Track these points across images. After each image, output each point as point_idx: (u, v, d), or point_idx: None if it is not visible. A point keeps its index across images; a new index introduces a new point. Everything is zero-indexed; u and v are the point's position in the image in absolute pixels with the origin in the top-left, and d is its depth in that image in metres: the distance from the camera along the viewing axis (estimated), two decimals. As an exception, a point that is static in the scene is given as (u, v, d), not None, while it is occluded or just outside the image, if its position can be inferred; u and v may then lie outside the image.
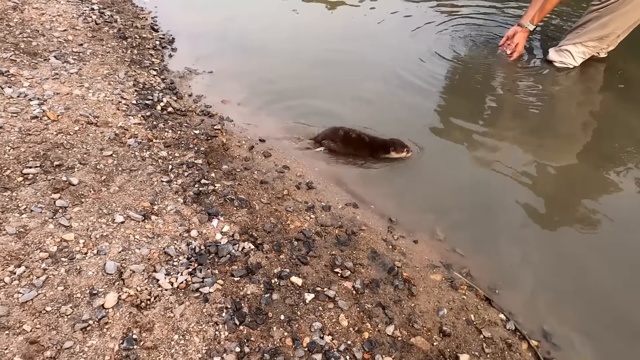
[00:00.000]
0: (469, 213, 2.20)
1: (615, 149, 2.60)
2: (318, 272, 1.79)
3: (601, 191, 2.37)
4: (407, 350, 1.55)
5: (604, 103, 3.07)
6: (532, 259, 1.98)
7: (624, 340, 1.70)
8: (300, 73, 3.17)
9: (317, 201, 2.19)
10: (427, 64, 3.31)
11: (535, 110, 2.92)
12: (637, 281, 1.89)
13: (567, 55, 3.19)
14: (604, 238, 2.08)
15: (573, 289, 1.87)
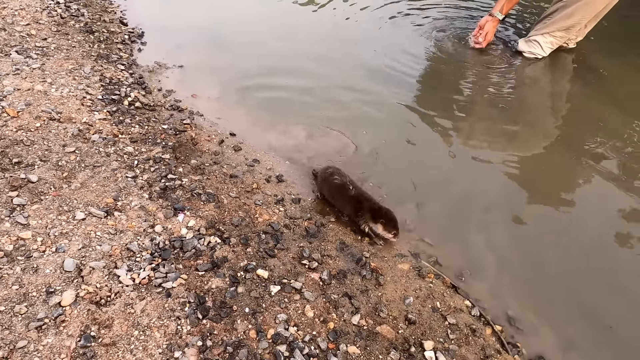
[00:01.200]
0: (439, 203, 2.22)
1: (584, 139, 2.65)
2: (285, 265, 1.78)
3: (568, 180, 2.42)
4: (372, 338, 1.56)
5: (572, 93, 3.12)
6: (499, 247, 2.01)
7: (584, 324, 1.74)
8: (274, 68, 3.15)
9: (287, 194, 2.18)
10: (400, 57, 3.32)
11: (504, 101, 2.96)
12: (596, 267, 1.94)
13: (536, 45, 3.23)
14: (568, 226, 2.12)
15: (537, 276, 1.91)
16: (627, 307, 1.79)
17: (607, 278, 1.89)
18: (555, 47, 3.27)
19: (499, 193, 2.29)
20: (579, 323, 1.73)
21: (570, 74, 3.31)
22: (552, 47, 3.24)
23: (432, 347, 1.57)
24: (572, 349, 1.67)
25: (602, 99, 2.98)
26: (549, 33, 3.21)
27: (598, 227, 2.12)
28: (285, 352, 1.43)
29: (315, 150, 2.49)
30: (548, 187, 2.37)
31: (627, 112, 2.86)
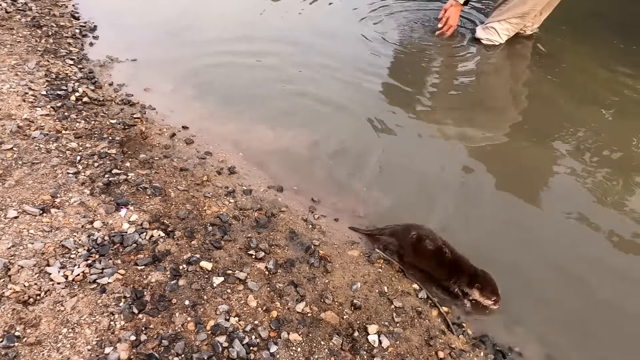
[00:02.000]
0: (392, 190, 2.21)
1: (543, 125, 2.69)
2: (231, 256, 1.76)
3: (524, 164, 2.44)
4: (315, 325, 1.55)
5: (530, 80, 3.16)
6: (449, 229, 2.02)
7: (527, 300, 1.76)
8: (231, 62, 3.10)
9: (239, 185, 2.15)
10: (361, 48, 3.31)
11: (464, 89, 2.98)
12: (539, 245, 1.96)
13: (493, 32, 3.26)
14: (522, 210, 2.15)
15: (487, 256, 1.92)
16: (564, 282, 1.83)
17: (548, 256, 1.92)
18: (512, 34, 3.31)
19: (455, 179, 2.30)
20: (522, 300, 1.76)
21: (528, 61, 3.35)
22: (508, 33, 3.27)
23: (376, 330, 1.57)
24: (517, 325, 1.70)
25: (559, 85, 3.03)
26: (505, 20, 3.24)
27: (548, 209, 2.16)
28: (224, 342, 1.41)
29: (272, 142, 2.47)
30: (506, 172, 2.39)
31: (582, 98, 2.91)
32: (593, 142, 2.54)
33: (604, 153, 2.48)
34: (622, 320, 1.71)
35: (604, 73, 3.12)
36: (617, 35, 3.49)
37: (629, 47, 3.38)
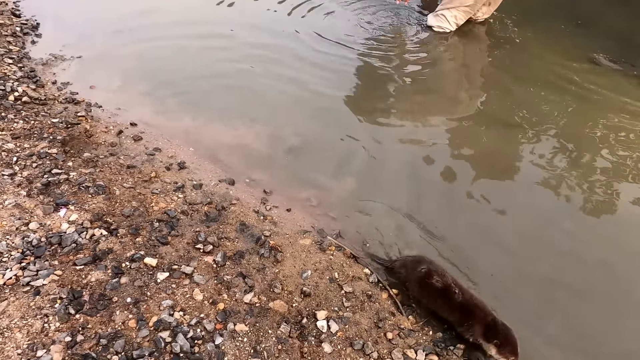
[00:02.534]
0: (345, 178, 2.22)
1: (495, 107, 2.75)
2: (178, 251, 1.72)
3: (475, 146, 2.49)
4: (263, 315, 1.53)
5: (486, 66, 3.22)
6: (400, 214, 2.05)
7: (472, 276, 1.80)
8: (181, 56, 3.03)
9: (189, 180, 2.11)
10: (316, 42, 3.29)
11: (417, 77, 3.01)
12: (478, 226, 2.01)
13: (443, 19, 3.31)
14: (468, 190, 2.19)
15: (435, 238, 1.96)
16: (501, 257, 1.89)
17: (487, 235, 1.97)
18: (462, 22, 3.37)
19: (407, 161, 2.33)
20: (468, 276, 1.79)
21: (482, 49, 3.42)
22: (457, 21, 3.32)
23: (325, 316, 1.57)
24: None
25: (511, 72, 3.10)
26: (454, 7, 3.29)
27: (490, 189, 2.21)
28: (167, 337, 1.38)
29: (224, 136, 2.43)
30: (461, 154, 2.43)
31: (534, 84, 2.99)
32: (545, 126, 2.61)
33: (555, 136, 2.56)
34: (560, 292, 1.77)
35: (555, 60, 3.20)
36: (570, 24, 3.59)
37: (581, 36, 3.46)
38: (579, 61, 3.15)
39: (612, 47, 3.30)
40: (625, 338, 1.64)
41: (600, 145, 2.47)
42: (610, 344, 1.61)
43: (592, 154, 2.42)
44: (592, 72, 3.03)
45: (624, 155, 2.41)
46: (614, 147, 2.46)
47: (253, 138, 2.42)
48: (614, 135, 2.53)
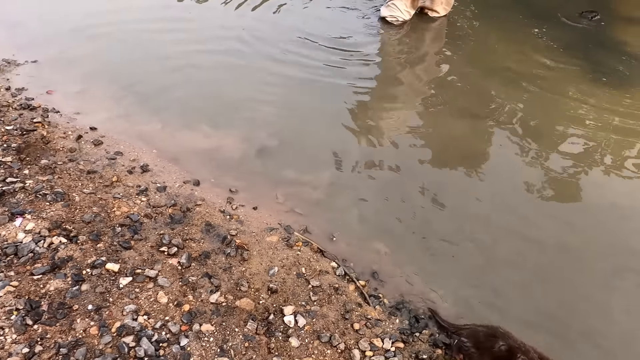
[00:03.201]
0: (312, 173, 2.23)
1: (453, 98, 2.80)
2: (142, 255, 1.70)
3: (435, 138, 2.55)
4: (229, 313, 1.53)
5: (448, 59, 3.25)
6: (365, 207, 2.08)
7: (436, 262, 1.85)
8: (141, 57, 2.97)
9: (152, 183, 2.08)
10: (270, 39, 3.28)
11: (378, 70, 3.05)
12: (452, 225, 2.04)
13: (395, 8, 3.36)
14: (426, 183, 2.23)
15: (400, 230, 2.00)
16: (463, 239, 1.95)
17: (451, 223, 2.03)
18: (414, 10, 3.39)
19: (368, 157, 2.36)
20: (433, 263, 1.84)
21: (440, 39, 3.47)
22: (408, 9, 3.35)
23: (292, 311, 1.58)
24: (431, 290, 1.77)
25: (470, 61, 3.17)
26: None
27: (450, 179, 2.26)
28: (130, 342, 1.37)
29: (188, 136, 2.40)
30: (423, 145, 2.47)
31: (491, 72, 3.06)
32: (504, 116, 2.68)
33: (514, 125, 2.62)
34: (527, 278, 1.84)
35: (514, 51, 3.28)
36: (528, 16, 3.67)
37: (538, 28, 3.54)
38: (538, 52, 3.24)
39: (570, 38, 3.41)
40: (588, 317, 1.70)
41: (557, 134, 2.56)
42: (575, 323, 1.68)
43: (550, 142, 2.51)
44: (550, 64, 3.12)
45: (581, 144, 2.49)
46: (572, 136, 2.55)
47: (218, 137, 2.40)
48: (571, 125, 2.62)
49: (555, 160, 2.38)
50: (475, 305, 1.72)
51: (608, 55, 3.22)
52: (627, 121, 2.64)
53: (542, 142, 2.49)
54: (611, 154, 2.43)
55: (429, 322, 1.68)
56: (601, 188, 2.25)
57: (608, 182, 2.29)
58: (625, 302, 1.75)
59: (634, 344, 1.64)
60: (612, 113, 2.70)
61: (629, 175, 2.33)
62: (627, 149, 2.46)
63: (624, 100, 2.79)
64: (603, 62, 3.14)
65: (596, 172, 2.33)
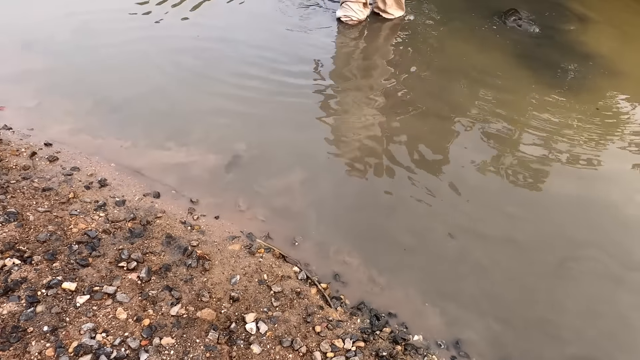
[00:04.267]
0: (272, 181, 2.25)
1: (413, 98, 2.88)
2: (100, 271, 1.69)
3: (391, 135, 2.61)
4: (190, 325, 1.54)
5: (404, 58, 3.33)
6: (327, 211, 2.12)
7: (391, 258, 1.92)
8: (97, 67, 2.92)
9: (110, 197, 2.06)
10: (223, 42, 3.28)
11: (331, 70, 3.09)
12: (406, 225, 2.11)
13: (348, 8, 3.43)
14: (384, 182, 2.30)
15: (360, 231, 2.05)
16: (413, 236, 2.02)
17: (406, 218, 2.10)
18: (368, 9, 3.46)
19: (328, 159, 2.40)
20: (388, 261, 1.90)
21: (398, 42, 3.54)
22: (361, 8, 3.42)
23: (254, 318, 1.60)
24: (391, 288, 1.83)
25: (430, 62, 3.25)
26: None
27: (409, 181, 2.33)
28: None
29: (147, 147, 2.38)
30: (380, 145, 2.53)
31: (448, 74, 3.16)
32: (465, 115, 2.77)
33: (474, 124, 2.72)
34: (477, 270, 1.92)
35: (472, 51, 3.39)
36: (488, 17, 3.79)
37: (497, 28, 3.67)
38: (494, 53, 3.35)
39: (526, 40, 3.53)
40: (537, 307, 1.79)
41: (512, 133, 2.66)
42: (526, 313, 1.76)
43: (503, 141, 2.60)
44: (505, 65, 3.24)
45: (532, 141, 2.60)
46: (524, 133, 2.65)
47: (178, 149, 2.39)
48: (530, 123, 2.72)
49: (511, 157, 2.48)
50: (430, 298, 1.78)
51: (563, 55, 3.35)
52: (577, 118, 2.78)
53: (496, 141, 2.59)
54: (560, 151, 2.54)
55: (389, 319, 1.73)
56: (550, 184, 2.36)
57: (557, 177, 2.39)
58: (574, 291, 1.85)
59: (584, 331, 1.73)
60: (564, 111, 2.83)
61: (577, 171, 2.44)
62: (576, 146, 2.57)
63: (575, 99, 2.92)
64: (558, 62, 3.27)
65: (546, 168, 2.44)
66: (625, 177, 2.47)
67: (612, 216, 2.19)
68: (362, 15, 3.47)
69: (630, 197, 2.31)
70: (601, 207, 2.23)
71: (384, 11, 3.58)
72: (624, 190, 2.35)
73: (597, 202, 2.26)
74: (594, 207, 2.23)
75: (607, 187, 2.35)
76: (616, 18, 3.87)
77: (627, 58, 3.38)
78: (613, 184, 2.38)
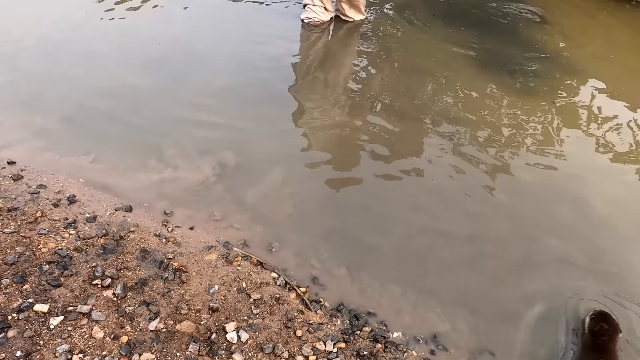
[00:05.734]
0: (246, 188, 2.24)
1: (377, 96, 2.94)
2: (73, 291, 1.65)
3: (367, 139, 2.65)
4: (170, 339, 1.53)
5: (363, 58, 3.39)
6: (302, 215, 2.14)
7: (361, 254, 1.97)
8: (59, 79, 2.85)
9: (81, 214, 2.02)
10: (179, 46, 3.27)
11: (295, 71, 3.12)
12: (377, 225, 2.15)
13: (310, 10, 3.49)
14: (354, 184, 2.33)
15: (336, 232, 2.08)
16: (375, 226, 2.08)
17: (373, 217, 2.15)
18: (329, 9, 3.52)
19: (297, 162, 2.42)
20: (365, 260, 1.95)
21: (358, 41, 3.59)
22: (322, 10, 3.48)
23: (234, 327, 1.61)
24: (370, 287, 1.86)
25: (391, 60, 3.33)
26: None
27: (371, 175, 2.38)
28: (65, 384, 1.33)
29: (116, 160, 2.34)
30: (350, 148, 2.57)
31: (411, 73, 3.24)
32: (427, 112, 2.84)
33: (439, 120, 2.79)
34: (447, 266, 1.98)
35: (435, 49, 3.49)
36: (452, 17, 3.89)
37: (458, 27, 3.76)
38: (455, 51, 3.46)
39: (488, 36, 3.65)
40: (502, 302, 1.86)
41: (478, 130, 2.74)
42: (494, 306, 1.83)
43: (472, 139, 2.67)
44: (467, 62, 3.34)
45: (492, 138, 2.67)
46: (492, 132, 2.72)
47: (148, 160, 2.36)
48: (491, 120, 2.81)
49: (470, 156, 2.55)
50: (407, 295, 1.83)
51: (522, 53, 3.48)
52: (535, 114, 2.89)
53: (459, 139, 2.66)
54: (519, 148, 2.62)
55: (369, 318, 1.77)
56: (511, 182, 2.42)
57: (517, 175, 2.45)
58: (540, 283, 1.93)
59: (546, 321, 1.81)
60: (522, 108, 2.94)
61: (537, 165, 2.53)
62: (535, 143, 2.65)
63: (533, 96, 3.03)
64: (516, 61, 3.39)
65: (505, 166, 2.51)
66: (585, 170, 2.57)
67: (575, 209, 2.28)
68: (325, 16, 3.53)
69: (592, 189, 2.40)
70: (563, 200, 2.32)
71: (345, 15, 3.64)
72: (584, 183, 2.45)
73: (559, 195, 2.35)
74: (555, 200, 2.32)
75: (568, 180, 2.45)
76: (574, 17, 4.05)
77: (584, 55, 3.53)
78: (573, 178, 2.47)
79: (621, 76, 3.41)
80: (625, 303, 1.85)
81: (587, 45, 3.70)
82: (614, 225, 2.22)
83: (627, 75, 3.45)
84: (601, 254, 2.06)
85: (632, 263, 2.04)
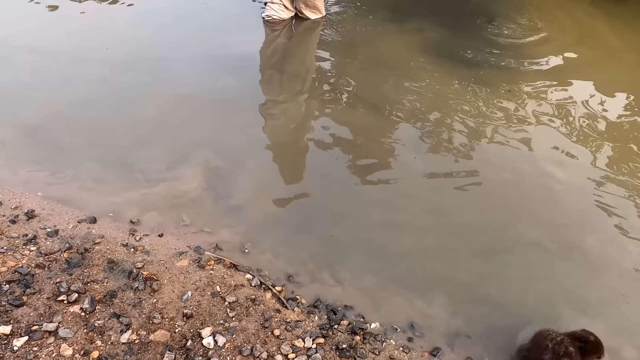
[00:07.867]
0: (213, 191, 2.21)
1: (341, 92, 2.95)
2: (37, 309, 1.58)
3: (323, 129, 2.64)
4: (143, 350, 1.49)
5: (327, 53, 3.40)
6: (272, 215, 2.12)
7: (331, 249, 1.98)
8: (15, 88, 2.71)
9: (41, 229, 1.93)
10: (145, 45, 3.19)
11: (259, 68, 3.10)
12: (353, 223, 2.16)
13: (270, 8, 3.52)
14: (324, 184, 2.33)
15: (306, 231, 2.07)
16: (346, 221, 2.10)
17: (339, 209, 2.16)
18: (288, 8, 3.52)
19: (264, 158, 2.41)
20: (339, 255, 1.96)
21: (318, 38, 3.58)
22: (282, 8, 3.50)
23: (210, 332, 1.58)
24: (343, 282, 1.87)
25: (350, 59, 3.35)
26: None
27: (337, 169, 2.39)
28: (34, 407, 1.27)
29: (75, 170, 2.25)
30: (325, 148, 2.56)
31: (375, 69, 3.26)
32: (396, 106, 2.87)
33: (406, 113, 2.83)
34: (421, 259, 2.02)
35: (396, 44, 3.52)
36: (416, 14, 3.92)
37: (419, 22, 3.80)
38: (419, 47, 3.49)
39: (452, 34, 3.70)
40: (483, 284, 1.90)
41: (442, 121, 2.79)
42: (472, 291, 1.87)
43: (436, 131, 2.72)
44: (432, 58, 3.37)
45: (463, 132, 2.70)
46: (453, 123, 2.77)
47: (108, 168, 2.28)
48: (454, 112, 2.85)
49: (438, 149, 2.59)
50: (382, 286, 1.85)
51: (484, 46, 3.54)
52: (494, 104, 2.96)
53: (424, 131, 2.70)
54: (482, 136, 2.68)
55: (346, 312, 1.77)
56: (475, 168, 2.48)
57: (484, 167, 2.47)
58: (512, 265, 1.99)
59: (524, 297, 1.87)
60: (483, 99, 3.01)
61: (499, 153, 2.59)
62: (503, 138, 2.68)
63: (501, 90, 3.07)
64: (477, 52, 3.46)
65: (470, 153, 2.57)
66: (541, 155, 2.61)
67: (537, 193, 2.35)
68: (284, 14, 3.54)
69: (548, 172, 2.47)
70: (525, 186, 2.38)
71: (302, 14, 3.65)
72: (542, 167, 2.51)
73: (520, 181, 2.41)
74: (518, 187, 2.38)
75: (528, 166, 2.50)
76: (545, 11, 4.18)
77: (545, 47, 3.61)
78: (532, 163, 2.53)
79: (589, 62, 3.48)
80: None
81: (553, 31, 3.76)
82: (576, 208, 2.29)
83: (595, 60, 3.51)
84: (564, 234, 2.14)
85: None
